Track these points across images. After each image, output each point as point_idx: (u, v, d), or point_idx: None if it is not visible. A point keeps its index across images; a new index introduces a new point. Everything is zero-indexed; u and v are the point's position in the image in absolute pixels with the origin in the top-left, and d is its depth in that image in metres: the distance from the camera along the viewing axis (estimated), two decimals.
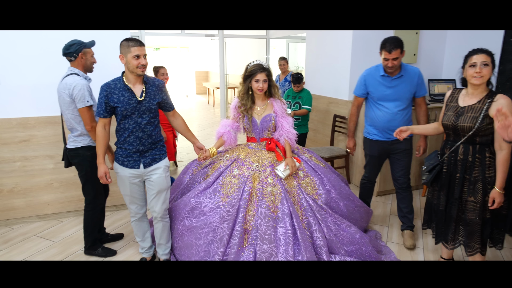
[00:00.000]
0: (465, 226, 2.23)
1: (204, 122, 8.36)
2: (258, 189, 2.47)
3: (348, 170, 4.23)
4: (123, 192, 2.42)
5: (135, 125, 2.27)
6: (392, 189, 3.92)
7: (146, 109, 2.28)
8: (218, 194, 2.47)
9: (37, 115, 3.15)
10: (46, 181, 3.29)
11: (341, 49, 4.24)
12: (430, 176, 2.35)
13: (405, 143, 2.84)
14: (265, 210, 2.37)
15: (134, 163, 2.32)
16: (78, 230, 3.15)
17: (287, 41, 8.74)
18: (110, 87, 2.24)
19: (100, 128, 2.31)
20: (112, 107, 2.24)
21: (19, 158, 3.17)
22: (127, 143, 2.29)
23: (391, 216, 3.46)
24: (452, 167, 2.25)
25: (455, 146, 2.22)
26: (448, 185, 2.29)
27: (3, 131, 3.08)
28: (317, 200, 2.56)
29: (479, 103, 2.12)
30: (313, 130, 5.01)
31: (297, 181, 2.61)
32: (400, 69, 2.75)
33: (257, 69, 2.58)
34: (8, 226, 3.23)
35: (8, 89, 3.04)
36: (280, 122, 2.65)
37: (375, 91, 2.85)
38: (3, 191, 3.18)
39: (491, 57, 2.08)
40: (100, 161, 2.33)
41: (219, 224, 2.37)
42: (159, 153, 2.41)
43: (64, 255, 2.78)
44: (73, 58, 2.52)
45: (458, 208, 2.24)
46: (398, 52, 2.63)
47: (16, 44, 2.99)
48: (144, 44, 2.26)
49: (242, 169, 2.55)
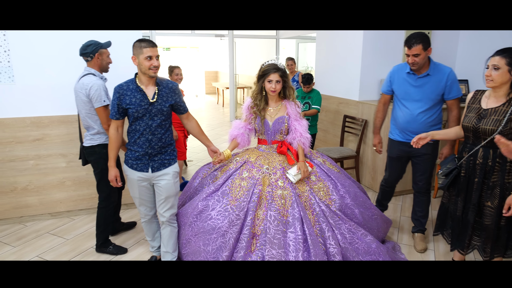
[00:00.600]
0: (482, 231, 2.18)
1: (213, 122, 8.39)
2: (268, 192, 2.39)
3: (358, 171, 4.21)
4: (132, 195, 2.41)
5: (146, 127, 2.24)
6: (403, 190, 3.89)
7: (158, 111, 2.24)
8: (226, 197, 2.40)
9: (50, 114, 3.20)
10: (59, 180, 3.34)
11: (352, 49, 4.21)
12: (447, 180, 2.28)
13: (426, 147, 2.67)
14: (274, 214, 2.29)
15: (142, 167, 2.29)
16: (89, 228, 3.19)
17: (297, 41, 8.72)
18: (122, 88, 2.23)
19: (112, 131, 2.31)
20: (124, 108, 2.23)
21: (32, 156, 3.22)
22: (136, 145, 2.27)
23: (402, 217, 3.43)
24: (471, 171, 2.18)
25: (475, 149, 2.15)
26: (466, 190, 2.22)
27: (17, 129, 3.14)
28: (331, 206, 2.45)
29: (503, 105, 2.06)
30: (323, 131, 4.99)
31: (309, 185, 2.51)
32: (428, 68, 2.61)
33: (271, 69, 2.48)
34: (21, 224, 3.29)
35: (22, 88, 3.10)
36: (293, 125, 2.56)
37: (398, 88, 2.76)
38: (17, 188, 3.24)
39: (507, 59, 1.98)
40: (111, 164, 2.32)
41: (228, 229, 2.30)
42: (169, 158, 2.36)
43: (76, 252, 2.82)
44: (89, 59, 2.58)
45: (476, 213, 2.17)
46: (419, 48, 2.49)
47: (31, 44, 3.05)
48: (157, 45, 2.23)
49: (252, 172, 2.49)
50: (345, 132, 4.38)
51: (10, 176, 3.20)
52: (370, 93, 4.20)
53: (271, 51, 8.75)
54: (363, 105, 4.11)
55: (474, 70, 4.18)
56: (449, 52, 4.37)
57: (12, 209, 3.27)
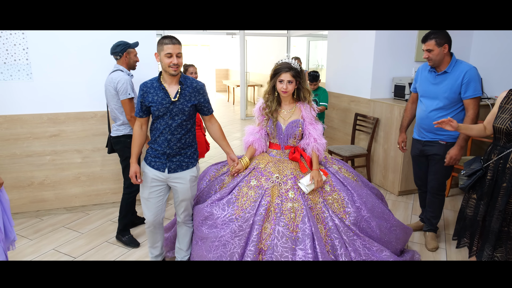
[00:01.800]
0: (507, 240, 2.07)
1: (224, 120, 8.44)
2: (277, 204, 2.22)
3: (369, 169, 4.20)
4: (141, 194, 2.34)
5: (166, 126, 2.20)
6: (414, 189, 3.87)
7: (179, 110, 2.19)
8: (232, 206, 2.26)
9: (67, 111, 3.28)
10: (74, 175, 3.41)
11: (364, 47, 4.20)
12: (470, 181, 2.17)
13: (437, 147, 2.67)
14: (283, 229, 2.12)
15: (160, 165, 2.25)
16: (103, 223, 3.26)
17: (308, 39, 8.70)
18: (146, 86, 2.21)
19: (136, 128, 2.30)
20: (147, 106, 2.21)
21: (49, 152, 3.30)
22: (156, 144, 2.24)
23: (413, 216, 3.42)
24: (499, 175, 2.07)
25: (506, 152, 2.04)
26: (491, 194, 2.10)
27: (35, 126, 3.22)
28: (345, 220, 2.28)
29: None
30: (334, 129, 4.99)
31: (323, 196, 2.34)
32: (447, 65, 2.58)
33: (282, 68, 2.32)
34: (38, 217, 3.38)
35: (40, 86, 3.17)
36: (308, 129, 2.39)
37: (420, 86, 2.77)
38: (34, 183, 3.33)
39: None
40: (133, 160, 2.29)
41: (229, 239, 2.16)
42: (187, 161, 2.29)
43: (90, 246, 2.89)
44: (118, 57, 2.81)
45: (502, 221, 2.04)
46: (432, 43, 2.50)
47: (49, 43, 3.12)
48: (180, 43, 2.17)
49: (261, 180, 2.32)
50: (356, 130, 4.37)
51: (28, 171, 3.28)
52: (381, 91, 4.19)
53: (282, 49, 8.75)
54: (375, 103, 4.10)
55: (488, 69, 4.13)
56: (463, 51, 4.31)
57: (29, 203, 3.36)
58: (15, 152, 3.22)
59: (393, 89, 4.14)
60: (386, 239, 2.40)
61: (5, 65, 3.10)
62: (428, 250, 2.82)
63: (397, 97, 4.06)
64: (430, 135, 2.74)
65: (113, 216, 3.38)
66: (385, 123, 3.94)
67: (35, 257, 2.73)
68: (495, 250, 2.10)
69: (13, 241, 2.14)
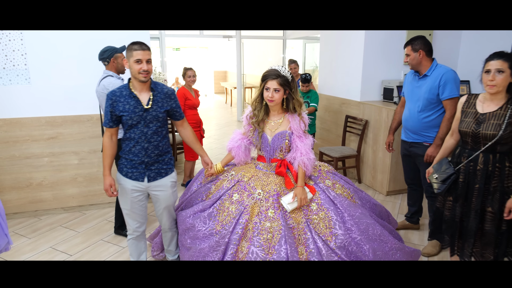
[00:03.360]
0: (481, 236, 2.14)
1: (221, 121, 8.55)
2: (255, 223, 2.10)
3: (358, 170, 4.31)
4: (122, 206, 2.29)
5: (141, 135, 2.13)
6: (401, 189, 3.97)
7: (153, 117, 2.13)
8: (213, 219, 2.21)
9: (64, 114, 3.39)
10: (71, 176, 3.53)
11: (354, 50, 4.31)
12: (445, 186, 2.23)
13: (422, 148, 2.77)
14: (257, 250, 2.01)
15: (138, 175, 2.19)
16: (99, 222, 3.37)
17: (304, 41, 8.81)
18: (115, 95, 2.11)
19: (106, 139, 2.20)
20: (118, 116, 2.12)
21: (47, 153, 3.42)
22: (132, 154, 2.16)
23: (399, 215, 3.52)
24: (471, 177, 2.13)
25: (475, 155, 2.11)
26: (465, 196, 2.17)
27: (33, 128, 3.33)
28: (330, 242, 2.11)
29: (500, 109, 2.03)
30: (326, 130, 5.10)
31: (307, 216, 2.19)
32: (427, 69, 2.72)
33: (269, 75, 2.20)
34: (36, 217, 3.49)
35: (38, 90, 3.29)
36: (295, 142, 2.26)
37: (406, 89, 2.92)
38: (32, 184, 3.44)
39: (509, 63, 1.95)
40: (106, 172, 2.19)
41: (208, 252, 2.10)
42: (166, 167, 2.26)
43: (86, 244, 3.00)
44: (106, 63, 2.84)
45: (478, 220, 2.12)
46: (409, 49, 2.71)
47: (46, 48, 3.24)
48: (149, 48, 2.11)
49: (243, 196, 2.22)
50: (347, 132, 4.48)
51: (26, 172, 3.40)
52: (371, 94, 4.30)
53: (278, 51, 8.86)
54: (364, 106, 4.21)
55: (476, 71, 4.20)
56: (451, 53, 4.43)
57: (27, 203, 3.47)
58: (14, 154, 3.34)
59: (382, 92, 4.25)
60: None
61: (4, 70, 3.22)
62: (422, 254, 2.78)
63: (386, 100, 4.17)
64: (415, 136, 2.85)
65: (108, 216, 3.49)
66: (374, 125, 4.05)
67: (33, 255, 2.84)
68: (473, 247, 2.18)
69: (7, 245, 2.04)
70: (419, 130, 2.80)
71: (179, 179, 4.52)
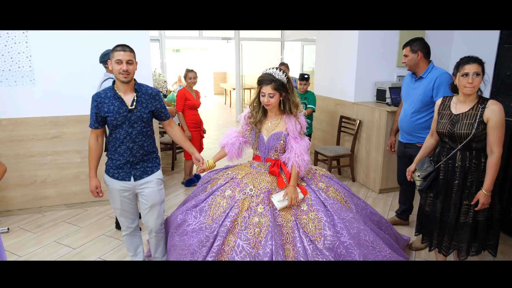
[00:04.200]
0: (460, 229, 2.27)
1: (220, 122, 8.69)
2: (244, 217, 2.15)
3: (352, 169, 4.44)
4: (113, 206, 2.33)
5: (126, 135, 2.17)
6: (393, 187, 4.10)
7: (138, 118, 2.17)
8: (204, 214, 2.24)
9: (67, 114, 3.52)
10: (74, 174, 3.66)
11: (348, 52, 4.45)
12: (426, 183, 2.35)
13: (415, 149, 2.86)
14: (243, 244, 2.05)
15: (124, 175, 2.22)
16: (101, 218, 3.50)
17: (302, 43, 8.94)
18: (100, 96, 2.17)
19: (92, 140, 2.25)
20: (103, 117, 2.17)
21: (51, 152, 3.55)
22: (118, 154, 2.21)
23: (390, 212, 3.65)
24: (450, 174, 2.26)
25: (452, 153, 2.24)
26: (445, 192, 2.30)
27: (37, 128, 3.47)
28: (318, 243, 2.14)
29: (472, 109, 2.16)
30: (322, 131, 5.23)
31: (296, 215, 2.23)
32: (423, 71, 2.81)
33: (264, 80, 2.24)
34: (40, 213, 3.62)
35: (42, 90, 3.42)
36: (291, 143, 2.29)
37: (403, 90, 3.02)
38: (36, 181, 3.57)
39: (482, 66, 2.11)
40: (92, 174, 2.25)
41: (197, 249, 2.12)
42: (151, 165, 2.30)
43: (89, 238, 3.13)
44: (107, 65, 2.94)
45: (457, 214, 2.24)
46: (407, 49, 2.81)
47: (50, 51, 3.37)
48: (131, 50, 2.14)
49: (235, 191, 2.27)
50: (341, 132, 4.61)
51: (31, 170, 3.53)
52: (364, 95, 4.43)
53: (277, 52, 9.00)
54: (358, 107, 4.34)
55: None
56: (443, 54, 4.55)
57: (32, 200, 3.60)
58: (19, 153, 3.47)
59: (375, 93, 4.38)
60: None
61: (10, 72, 3.35)
62: (411, 248, 2.91)
63: (379, 101, 4.30)
64: (409, 137, 2.96)
65: (110, 212, 3.62)
66: (367, 125, 4.18)
67: (38, 248, 2.97)
68: (452, 240, 2.31)
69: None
70: (412, 131, 2.91)
71: (179, 178, 4.65)
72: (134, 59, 2.16)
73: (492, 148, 2.12)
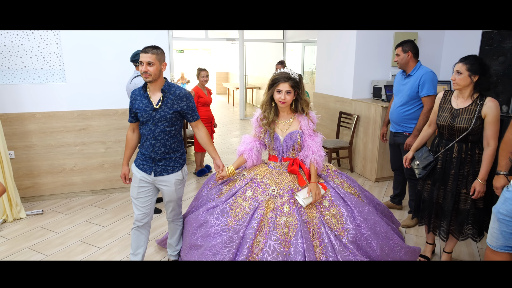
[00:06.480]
0: (458, 215, 2.45)
1: (224, 120, 9.06)
2: (271, 218, 2.17)
3: (351, 160, 4.82)
4: (131, 194, 2.45)
5: (150, 132, 2.29)
6: (388, 176, 4.48)
7: (161, 117, 2.26)
8: (226, 215, 2.26)
9: (93, 108, 3.90)
10: (99, 163, 4.03)
11: (347, 52, 4.83)
12: (425, 171, 2.53)
13: (403, 137, 3.26)
14: (274, 243, 2.07)
15: (147, 168, 2.35)
16: (124, 202, 3.88)
17: (303, 44, 9.32)
18: (135, 93, 2.34)
19: (129, 132, 2.47)
20: (135, 112, 2.34)
21: (78, 143, 3.93)
22: (143, 148, 2.35)
23: (385, 197, 4.03)
24: (447, 164, 2.44)
25: (450, 144, 2.41)
26: (441, 180, 2.48)
27: (67, 121, 3.84)
28: (342, 237, 2.21)
29: (471, 105, 2.31)
30: (323, 126, 5.61)
31: (320, 211, 2.28)
32: (412, 69, 3.16)
33: (281, 78, 2.29)
34: (68, 198, 3.99)
35: (71, 87, 3.80)
36: (307, 141, 2.36)
37: (394, 86, 3.40)
38: (65, 169, 3.95)
39: (467, 66, 2.28)
40: (124, 162, 2.46)
41: (219, 249, 2.14)
42: (173, 165, 2.37)
43: (116, 218, 3.51)
44: (137, 64, 3.26)
45: (454, 201, 2.42)
46: (399, 49, 3.19)
47: (79, 50, 3.74)
48: (153, 52, 2.19)
49: (256, 192, 2.30)
50: (340, 126, 5.00)
51: (60, 159, 3.90)
52: (362, 92, 4.81)
53: (279, 53, 9.38)
54: (356, 103, 4.73)
55: None
56: (435, 54, 4.92)
57: (60, 186, 3.97)
58: (50, 143, 3.84)
59: (372, 90, 4.77)
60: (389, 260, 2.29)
61: (42, 70, 3.73)
62: (401, 226, 3.26)
63: (375, 97, 4.69)
64: (398, 127, 3.36)
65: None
66: (364, 120, 4.57)
67: (72, 226, 3.34)
68: (449, 225, 2.49)
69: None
70: (400, 122, 3.30)
71: (190, 169, 5.02)
72: (158, 61, 2.20)
73: (488, 141, 2.28)
